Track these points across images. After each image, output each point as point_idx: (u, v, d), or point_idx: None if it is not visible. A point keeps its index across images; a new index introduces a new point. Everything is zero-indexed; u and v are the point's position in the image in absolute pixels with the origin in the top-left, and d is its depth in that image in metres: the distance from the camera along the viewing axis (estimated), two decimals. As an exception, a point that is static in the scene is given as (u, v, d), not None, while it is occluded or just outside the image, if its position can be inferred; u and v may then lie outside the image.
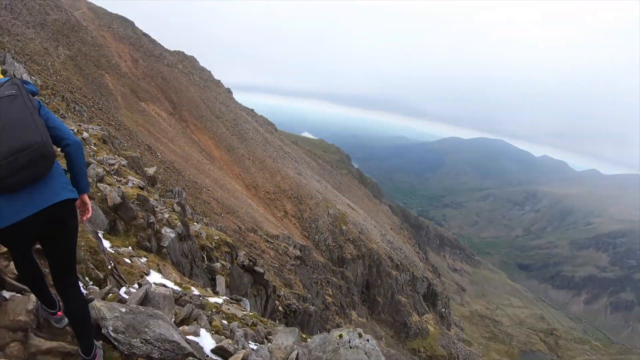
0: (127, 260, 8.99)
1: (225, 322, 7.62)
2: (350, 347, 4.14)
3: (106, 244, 9.41)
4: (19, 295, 3.76)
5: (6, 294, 3.73)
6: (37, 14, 53.80)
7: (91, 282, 5.27)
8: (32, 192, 3.14)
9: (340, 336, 4.32)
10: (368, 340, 4.27)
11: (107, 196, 10.59)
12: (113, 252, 9.01)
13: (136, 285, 6.98)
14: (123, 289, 6.11)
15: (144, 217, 11.30)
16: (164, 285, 8.46)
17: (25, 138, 3.04)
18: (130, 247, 10.13)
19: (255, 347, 5.92)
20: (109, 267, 6.09)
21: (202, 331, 5.05)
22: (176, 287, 9.05)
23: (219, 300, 9.34)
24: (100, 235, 9.69)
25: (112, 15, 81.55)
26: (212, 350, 4.74)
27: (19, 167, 3.00)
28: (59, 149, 3.49)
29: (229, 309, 8.47)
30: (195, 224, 17.67)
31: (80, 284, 4.99)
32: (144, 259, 9.87)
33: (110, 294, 4.83)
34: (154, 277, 9.01)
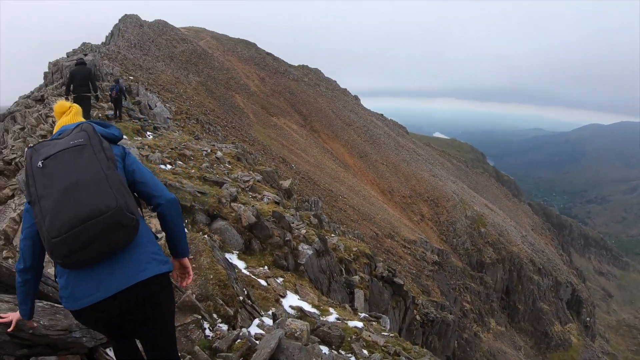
0: (263, 282, 8.64)
1: (365, 352, 6.94)
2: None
3: (241, 265, 9.20)
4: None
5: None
6: (164, 48, 58.53)
7: (219, 320, 4.79)
8: (111, 267, 2.44)
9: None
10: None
11: (241, 216, 10.43)
12: (248, 273, 8.73)
13: (271, 312, 6.54)
14: (255, 322, 5.65)
15: (280, 235, 11.00)
16: (301, 309, 8.01)
17: (95, 203, 2.32)
18: (266, 267, 9.83)
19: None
20: (240, 298, 5.62)
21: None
22: (313, 310, 8.57)
23: (359, 324, 8.67)
24: (234, 256, 9.53)
25: (235, 40, 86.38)
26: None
27: (88, 239, 2.30)
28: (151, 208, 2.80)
29: (369, 336, 7.77)
30: (332, 235, 17.26)
31: (207, 325, 4.51)
32: (280, 279, 9.49)
33: (239, 340, 4.26)
34: (291, 299, 8.58)
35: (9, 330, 2.85)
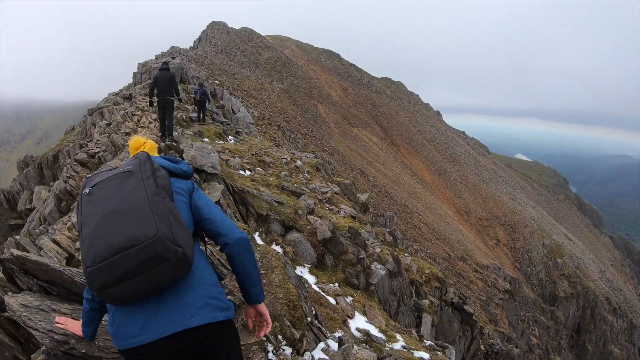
0: (332, 301, 8.47)
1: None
2: None
3: (312, 279, 9.10)
4: None
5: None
6: (250, 55, 60.45)
7: (284, 342, 4.66)
8: (158, 308, 2.19)
9: None
10: None
11: (316, 230, 10.36)
12: (318, 290, 8.60)
13: (337, 336, 6.37)
14: (320, 346, 5.47)
15: (354, 252, 10.84)
16: (368, 333, 7.79)
17: (133, 231, 2.06)
18: (336, 284, 9.68)
19: None
20: (308, 319, 5.48)
21: None
22: (380, 335, 8.30)
23: (425, 355, 8.31)
24: (306, 269, 9.45)
25: (319, 49, 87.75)
26: None
27: (125, 271, 2.04)
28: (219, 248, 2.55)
29: (435, 371, 7.45)
30: (406, 255, 16.93)
31: (271, 347, 4.40)
32: (349, 298, 9.31)
33: (301, 368, 4.13)
34: (358, 322, 8.35)
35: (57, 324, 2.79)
